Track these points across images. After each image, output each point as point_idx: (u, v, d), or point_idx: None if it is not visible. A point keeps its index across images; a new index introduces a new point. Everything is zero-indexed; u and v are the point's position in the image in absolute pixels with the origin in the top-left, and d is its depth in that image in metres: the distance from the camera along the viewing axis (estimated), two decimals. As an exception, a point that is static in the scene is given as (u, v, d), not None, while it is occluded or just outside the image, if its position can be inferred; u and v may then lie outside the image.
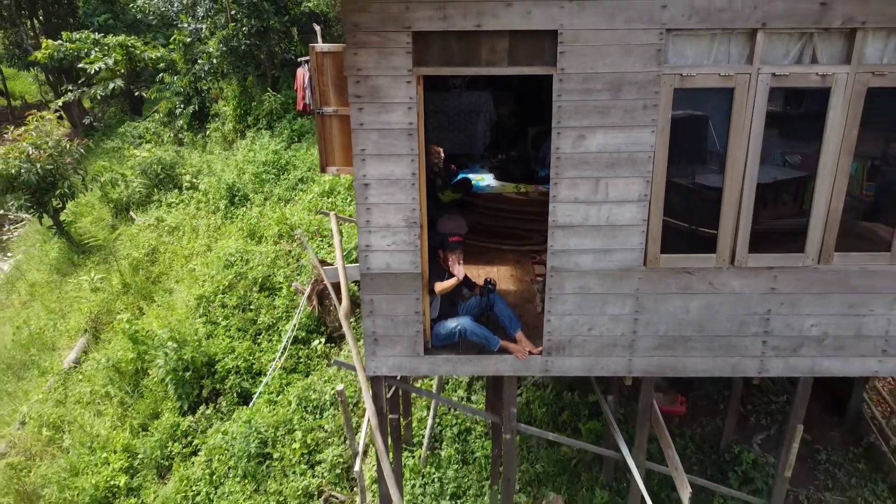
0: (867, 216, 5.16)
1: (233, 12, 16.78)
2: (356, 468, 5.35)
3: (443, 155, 8.69)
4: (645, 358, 5.35)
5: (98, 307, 13.86)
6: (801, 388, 5.61)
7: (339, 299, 9.76)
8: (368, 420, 5.54)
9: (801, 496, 6.52)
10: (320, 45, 6.83)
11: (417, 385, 9.12)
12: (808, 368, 5.40)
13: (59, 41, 20.74)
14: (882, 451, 6.61)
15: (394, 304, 5.25)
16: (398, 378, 6.06)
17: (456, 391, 8.97)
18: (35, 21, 27.68)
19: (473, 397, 8.84)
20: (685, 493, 5.44)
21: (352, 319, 9.41)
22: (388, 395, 6.06)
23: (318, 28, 10.16)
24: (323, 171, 7.14)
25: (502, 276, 6.63)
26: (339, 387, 5.61)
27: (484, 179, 9.46)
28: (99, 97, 20.59)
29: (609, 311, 5.22)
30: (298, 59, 15.59)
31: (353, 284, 9.95)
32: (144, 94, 21.19)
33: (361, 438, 5.71)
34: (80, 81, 21.10)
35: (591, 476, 7.36)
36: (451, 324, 5.43)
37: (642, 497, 5.78)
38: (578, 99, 4.64)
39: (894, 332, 5.22)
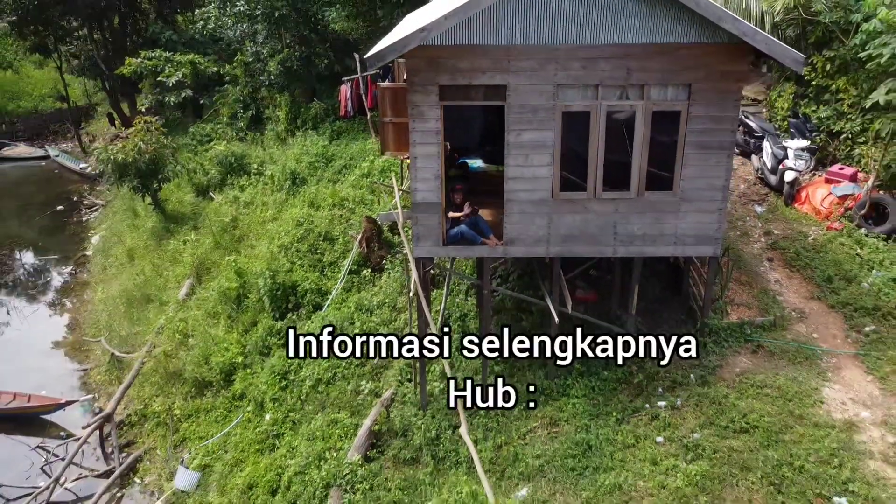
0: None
1: (287, 40, 21.95)
2: (410, 294, 10.54)
3: (449, 147, 13.84)
4: (554, 247, 10.52)
5: (198, 259, 19.04)
6: (636, 264, 10.78)
7: (376, 236, 14.91)
8: (415, 281, 10.72)
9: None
10: (383, 83, 12.06)
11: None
12: (638, 252, 10.57)
13: (139, 59, 25.94)
14: (694, 309, 11.75)
15: (427, 218, 10.41)
16: (432, 260, 11.23)
17: (458, 296, 14.10)
18: (97, 36, 32.77)
19: (469, 299, 13.97)
20: (569, 303, 10.68)
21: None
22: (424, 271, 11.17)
23: (356, 56, 15.44)
24: (382, 154, 12.40)
25: (485, 213, 11.76)
26: (406, 251, 10.80)
27: (477, 162, 14.57)
28: (172, 103, 25.76)
29: (535, 222, 10.38)
30: (342, 79, 20.82)
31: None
32: (208, 102, 26.34)
33: (411, 282, 10.92)
34: (156, 90, 26.24)
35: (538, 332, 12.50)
36: (456, 230, 10.62)
37: (556, 326, 10.92)
38: (517, 116, 9.81)
39: (679, 232, 10.37)
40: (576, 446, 10.14)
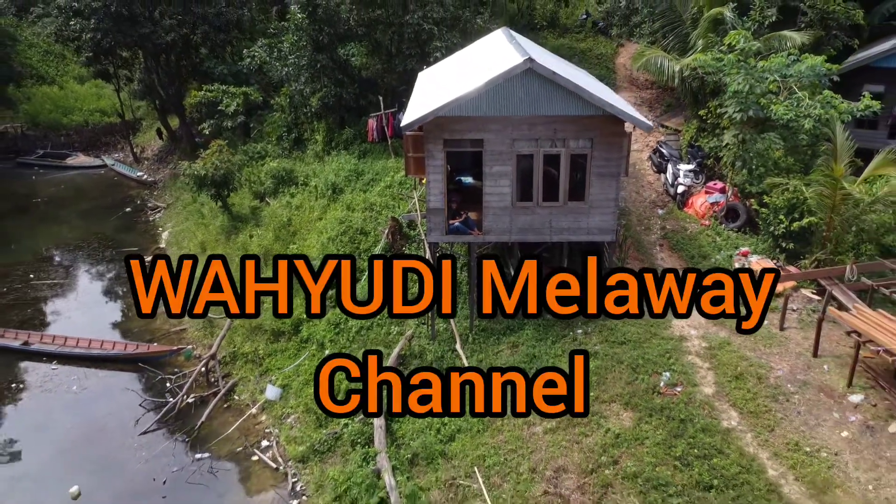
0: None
1: (324, 82, 28.55)
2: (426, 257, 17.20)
3: (449, 168, 20.45)
4: (514, 235, 17.17)
5: (263, 248, 25.66)
6: (566, 247, 17.40)
7: (398, 231, 21.69)
8: (428, 258, 17.35)
9: (577, 291, 18.27)
10: (407, 132, 18.65)
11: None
12: (565, 238, 17.22)
13: (203, 91, 32.56)
14: (606, 268, 18.38)
15: (435, 217, 17.05)
16: (438, 245, 17.89)
17: (458, 270, 20.68)
18: (158, 67, 39.29)
19: (463, 273, 20.55)
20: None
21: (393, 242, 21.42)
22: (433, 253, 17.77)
23: (380, 98, 22.18)
24: (406, 175, 19.06)
25: (472, 215, 18.38)
26: (424, 237, 17.45)
27: (468, 179, 21.20)
28: (229, 127, 32.39)
29: (503, 219, 17.03)
30: (370, 114, 27.47)
31: (404, 222, 21.92)
32: (254, 124, 32.94)
33: (427, 253, 17.55)
34: (216, 116, 32.81)
35: (507, 293, 19.09)
36: (454, 225, 17.26)
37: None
38: (490, 156, 16.45)
39: (590, 227, 16.99)
40: (526, 356, 16.78)
